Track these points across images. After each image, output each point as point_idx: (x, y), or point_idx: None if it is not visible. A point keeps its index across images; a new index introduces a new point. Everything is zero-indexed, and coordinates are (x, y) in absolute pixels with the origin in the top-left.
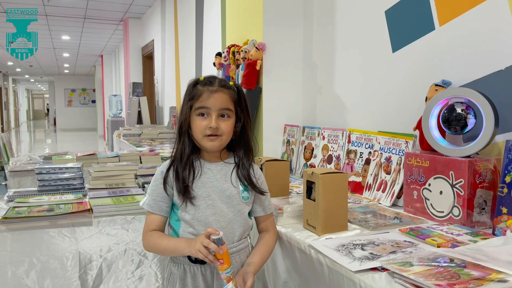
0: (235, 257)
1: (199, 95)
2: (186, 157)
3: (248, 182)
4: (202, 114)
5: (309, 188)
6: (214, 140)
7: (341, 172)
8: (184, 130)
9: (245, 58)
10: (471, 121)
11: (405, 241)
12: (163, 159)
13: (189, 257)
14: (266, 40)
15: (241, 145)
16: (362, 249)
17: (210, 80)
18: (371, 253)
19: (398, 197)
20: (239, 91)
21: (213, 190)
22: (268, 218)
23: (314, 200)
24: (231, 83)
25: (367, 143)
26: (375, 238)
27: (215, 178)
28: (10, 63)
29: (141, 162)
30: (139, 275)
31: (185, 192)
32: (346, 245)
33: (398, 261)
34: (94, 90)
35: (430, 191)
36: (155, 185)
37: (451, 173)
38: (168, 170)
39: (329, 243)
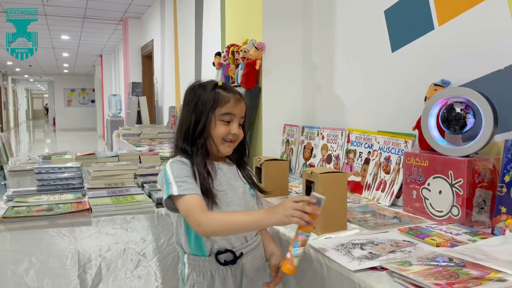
0: (256, 252)
1: (226, 101)
2: (208, 161)
3: (251, 181)
4: (227, 120)
5: (308, 187)
6: (231, 146)
7: (340, 172)
8: (207, 134)
9: (245, 57)
10: (470, 120)
11: (404, 240)
12: (162, 158)
13: (218, 260)
14: (265, 40)
15: (240, 147)
16: (361, 248)
17: (230, 88)
18: (370, 253)
19: (397, 196)
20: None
21: (228, 188)
22: None
23: None
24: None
25: (366, 143)
26: (374, 237)
27: (227, 176)
28: (9, 63)
29: (140, 162)
30: (138, 274)
31: (210, 194)
32: (345, 244)
33: (397, 261)
34: (93, 90)
35: (429, 190)
36: (180, 169)
37: (450, 173)
38: (191, 165)
39: (328, 243)
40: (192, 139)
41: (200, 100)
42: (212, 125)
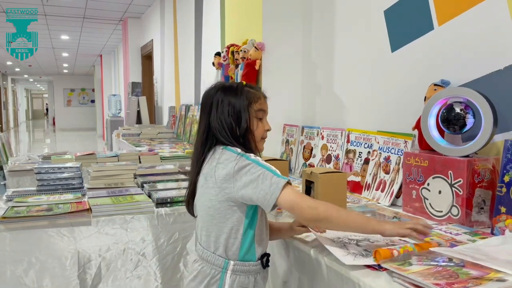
0: None
1: (258, 97)
2: None
3: None
4: (260, 117)
5: (308, 187)
6: (264, 142)
7: (340, 172)
8: (250, 133)
9: (244, 57)
10: (469, 120)
11: (400, 239)
12: (163, 158)
13: (262, 263)
14: (265, 40)
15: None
16: (357, 244)
17: (254, 86)
18: (365, 250)
19: (397, 196)
20: None
21: None
22: None
23: None
24: None
25: (366, 143)
26: (371, 235)
27: None
28: (9, 63)
29: (140, 162)
30: (138, 274)
31: None
32: (342, 238)
33: (397, 261)
34: (93, 90)
35: (429, 190)
36: (264, 163)
37: (450, 173)
38: None
39: (325, 234)
40: (234, 139)
41: (234, 100)
42: (254, 123)
